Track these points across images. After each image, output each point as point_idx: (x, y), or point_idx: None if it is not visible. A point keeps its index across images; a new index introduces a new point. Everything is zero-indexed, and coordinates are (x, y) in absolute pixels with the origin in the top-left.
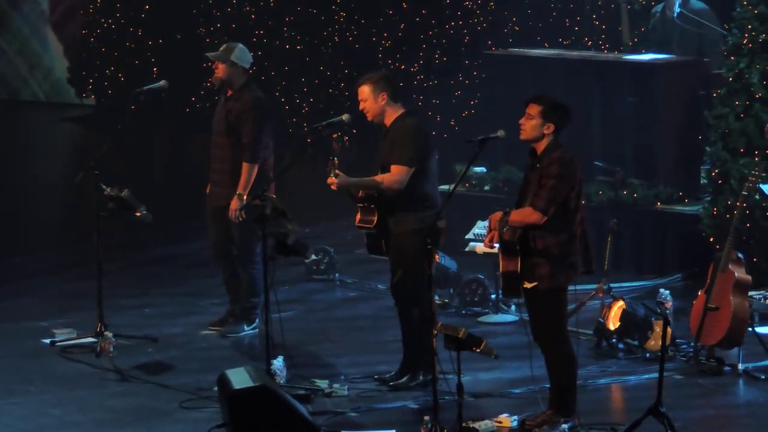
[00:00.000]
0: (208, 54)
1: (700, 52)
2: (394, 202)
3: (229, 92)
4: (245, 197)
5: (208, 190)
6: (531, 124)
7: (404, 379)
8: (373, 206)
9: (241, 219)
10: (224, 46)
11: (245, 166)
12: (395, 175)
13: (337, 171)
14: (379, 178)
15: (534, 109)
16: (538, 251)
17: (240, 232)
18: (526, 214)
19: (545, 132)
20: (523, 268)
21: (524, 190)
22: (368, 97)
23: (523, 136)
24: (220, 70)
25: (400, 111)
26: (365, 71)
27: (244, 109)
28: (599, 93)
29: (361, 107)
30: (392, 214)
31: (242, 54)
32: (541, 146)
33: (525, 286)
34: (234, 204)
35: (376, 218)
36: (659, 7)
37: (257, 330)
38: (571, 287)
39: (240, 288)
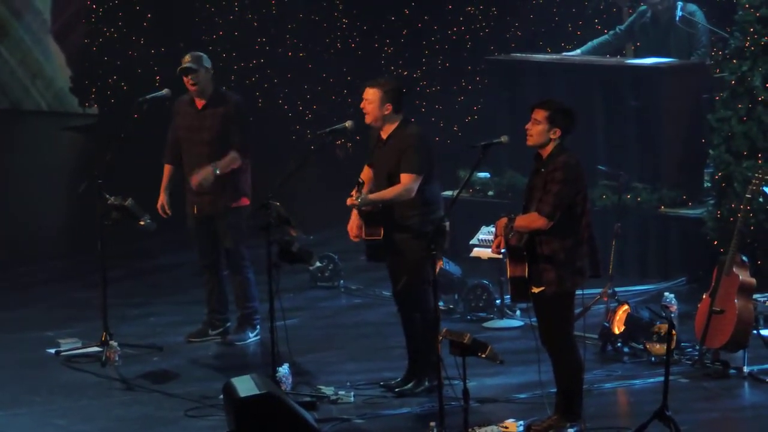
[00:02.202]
0: (184, 65)
1: (690, 53)
2: (399, 208)
3: (200, 102)
4: (219, 172)
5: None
6: (537, 130)
7: (410, 385)
8: (376, 218)
9: (202, 187)
10: (188, 56)
11: (233, 153)
12: (407, 183)
13: (362, 192)
14: (391, 190)
15: (540, 115)
16: (545, 256)
17: (229, 237)
18: (531, 220)
19: (552, 137)
20: (531, 273)
21: (530, 194)
22: (374, 101)
23: (530, 142)
24: (198, 77)
25: (399, 119)
26: (368, 78)
27: (231, 113)
28: (602, 97)
29: (362, 105)
30: (397, 220)
31: (207, 60)
32: (547, 151)
33: (533, 290)
34: (206, 173)
35: (382, 230)
36: (648, 11)
37: (260, 337)
38: (581, 291)
39: (222, 300)
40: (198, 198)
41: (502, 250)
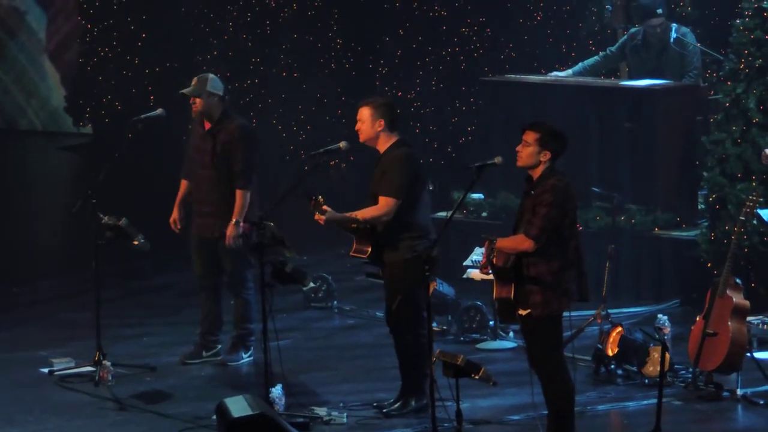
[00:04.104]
0: (183, 91)
1: (683, 75)
2: (385, 231)
3: (207, 124)
4: (241, 224)
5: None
6: (527, 152)
7: (396, 405)
8: (366, 236)
9: (237, 245)
10: (195, 79)
11: (239, 193)
12: (382, 207)
13: (324, 207)
14: (365, 212)
15: (531, 137)
16: (531, 278)
17: (231, 259)
18: (518, 242)
19: (542, 159)
20: (517, 295)
21: (520, 216)
22: (366, 119)
23: (519, 164)
24: (198, 103)
25: (394, 139)
26: (362, 98)
27: (233, 138)
28: (596, 119)
29: (356, 128)
30: (385, 243)
31: (216, 83)
32: (537, 173)
33: (520, 313)
34: (231, 231)
35: (369, 248)
36: (639, 33)
37: (253, 358)
38: (568, 314)
39: (216, 323)
40: (200, 219)
41: (490, 272)
